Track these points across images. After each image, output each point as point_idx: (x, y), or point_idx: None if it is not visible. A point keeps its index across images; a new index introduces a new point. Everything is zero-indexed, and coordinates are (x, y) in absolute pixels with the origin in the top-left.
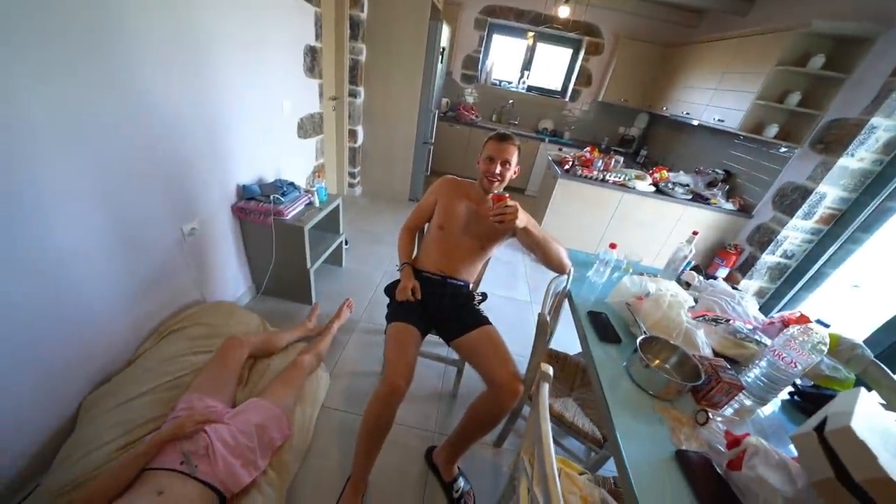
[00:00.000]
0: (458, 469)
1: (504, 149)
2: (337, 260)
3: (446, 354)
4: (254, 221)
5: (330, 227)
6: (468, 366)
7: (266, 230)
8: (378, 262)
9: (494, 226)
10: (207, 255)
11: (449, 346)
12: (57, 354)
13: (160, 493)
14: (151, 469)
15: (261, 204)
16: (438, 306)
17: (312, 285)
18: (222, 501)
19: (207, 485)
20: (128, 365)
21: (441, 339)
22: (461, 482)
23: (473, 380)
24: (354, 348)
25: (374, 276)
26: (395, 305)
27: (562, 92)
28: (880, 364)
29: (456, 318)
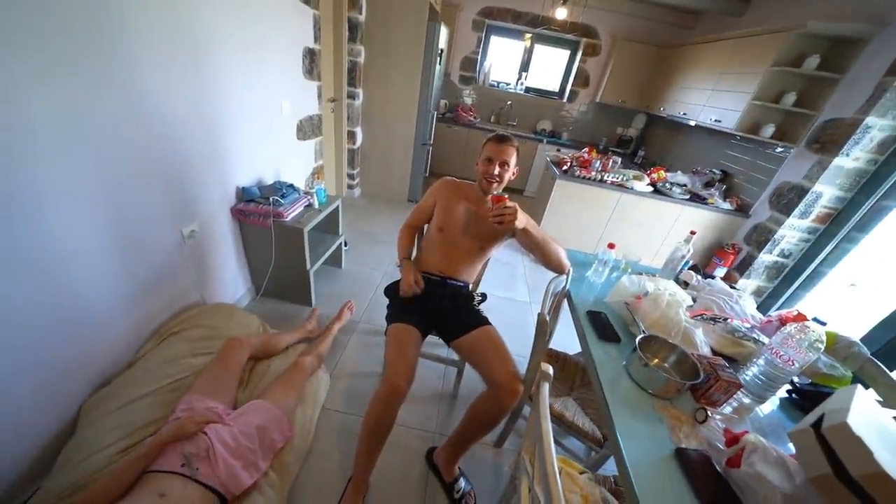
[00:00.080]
0: (459, 469)
1: (503, 150)
2: (336, 261)
3: (446, 355)
4: (253, 223)
5: (329, 229)
6: (468, 366)
7: (265, 232)
8: (377, 263)
9: (494, 227)
10: (207, 257)
11: (449, 347)
12: (57, 357)
13: (162, 496)
14: (152, 471)
15: (260, 206)
16: (438, 307)
17: (312, 287)
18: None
19: (208, 487)
20: (128, 367)
21: (441, 340)
22: (462, 483)
23: (474, 380)
24: (355, 349)
25: (374, 277)
26: (395, 306)
27: (559, 93)
28: (877, 362)
29: (456, 319)
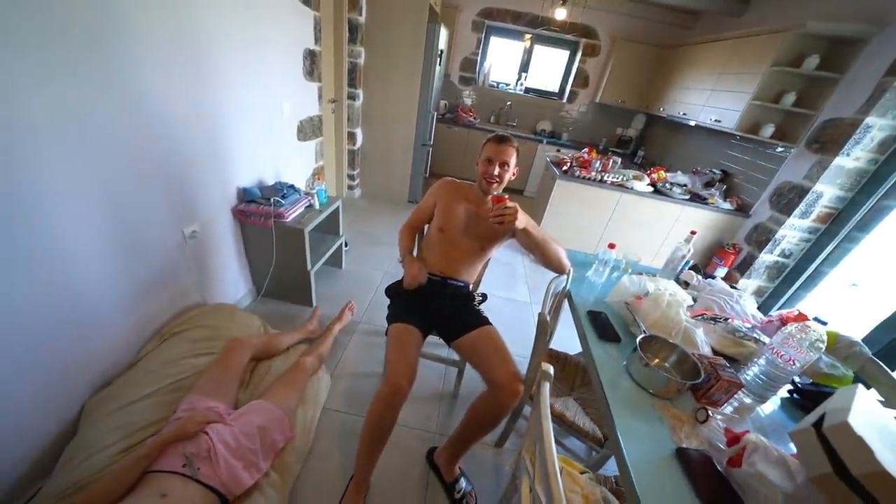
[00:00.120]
0: (460, 469)
1: (503, 150)
2: (337, 262)
3: (447, 355)
4: (254, 224)
5: (330, 229)
6: (469, 366)
7: (266, 233)
8: (378, 264)
9: (494, 227)
10: (208, 258)
11: (449, 347)
12: (57, 358)
13: (163, 496)
14: (153, 471)
15: (261, 206)
16: (439, 307)
17: (313, 287)
18: None
19: (209, 487)
20: (129, 368)
21: (442, 340)
22: (463, 483)
23: (474, 380)
24: (355, 349)
25: (374, 278)
26: (396, 306)
27: (559, 93)
28: (878, 361)
29: (456, 319)
